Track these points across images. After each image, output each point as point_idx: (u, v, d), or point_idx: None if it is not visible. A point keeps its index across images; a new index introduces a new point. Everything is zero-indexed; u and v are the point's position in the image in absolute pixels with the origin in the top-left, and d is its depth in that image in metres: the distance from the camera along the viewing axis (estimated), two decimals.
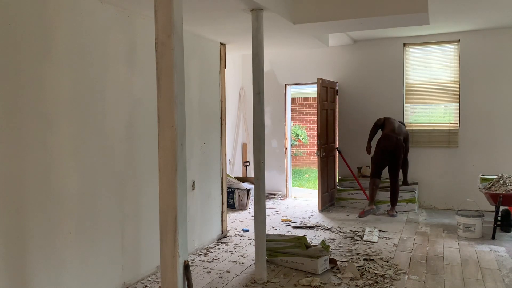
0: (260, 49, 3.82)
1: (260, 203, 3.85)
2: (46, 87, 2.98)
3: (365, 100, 7.11)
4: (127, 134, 3.76)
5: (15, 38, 2.76)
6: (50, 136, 3.01)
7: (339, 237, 5.18)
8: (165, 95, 2.39)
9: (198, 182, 4.85)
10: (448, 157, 6.67)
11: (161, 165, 2.41)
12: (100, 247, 3.45)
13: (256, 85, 3.84)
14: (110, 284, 3.57)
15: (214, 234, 5.16)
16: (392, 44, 6.89)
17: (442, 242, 4.95)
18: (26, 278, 2.85)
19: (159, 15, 2.38)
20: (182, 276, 2.40)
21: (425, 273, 4.00)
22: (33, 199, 2.89)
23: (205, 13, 4.04)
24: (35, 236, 2.90)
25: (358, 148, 7.05)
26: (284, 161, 7.79)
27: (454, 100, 6.67)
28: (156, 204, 3.80)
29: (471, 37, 6.47)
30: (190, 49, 4.62)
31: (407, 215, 6.33)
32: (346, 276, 3.86)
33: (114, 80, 3.60)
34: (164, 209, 2.41)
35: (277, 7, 4.08)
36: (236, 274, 4.04)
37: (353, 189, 6.93)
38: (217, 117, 5.27)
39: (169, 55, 2.37)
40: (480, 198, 5.95)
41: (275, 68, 7.71)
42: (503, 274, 3.93)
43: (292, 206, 7.12)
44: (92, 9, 3.37)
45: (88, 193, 3.34)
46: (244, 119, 7.90)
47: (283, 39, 5.61)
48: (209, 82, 5.09)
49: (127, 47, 3.75)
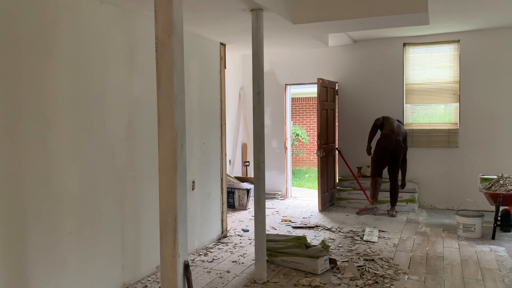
0: (260, 49, 3.82)
1: (260, 203, 3.85)
2: (46, 87, 2.98)
3: (365, 100, 7.11)
4: (127, 134, 3.76)
5: (15, 38, 2.76)
6: (50, 136, 3.01)
7: (339, 237, 5.18)
8: (165, 95, 2.39)
9: (198, 182, 4.85)
10: (448, 157, 6.67)
11: (161, 165, 2.41)
12: (100, 247, 3.45)
13: (256, 85, 3.84)
14: (110, 284, 3.57)
15: (214, 234, 5.16)
16: (392, 44, 6.89)
17: (442, 242, 4.95)
18: (26, 278, 2.85)
19: (159, 15, 2.38)
20: (182, 276, 2.40)
21: (425, 273, 4.00)
22: (33, 199, 2.89)
23: (205, 13, 4.04)
24: (35, 236, 2.90)
25: (358, 148, 7.05)
26: (284, 161, 7.80)
27: (454, 100, 6.67)
28: (156, 204, 3.80)
29: (471, 37, 6.47)
30: (190, 49, 4.62)
31: (407, 215, 6.33)
32: (346, 276, 3.86)
33: (114, 80, 3.60)
34: (164, 209, 2.41)
35: (277, 7, 4.08)
36: (236, 274, 4.04)
37: (353, 189, 6.93)
38: (217, 117, 5.27)
39: (169, 55, 2.37)
40: (480, 198, 5.95)
41: (275, 68, 7.71)
42: (503, 274, 3.93)
43: (292, 206, 7.12)
44: (92, 9, 3.37)
45: (88, 193, 3.34)
46: (244, 119, 7.90)
47: (283, 39, 5.61)
48: (209, 82, 5.09)
49: (127, 47, 3.75)
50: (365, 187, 6.80)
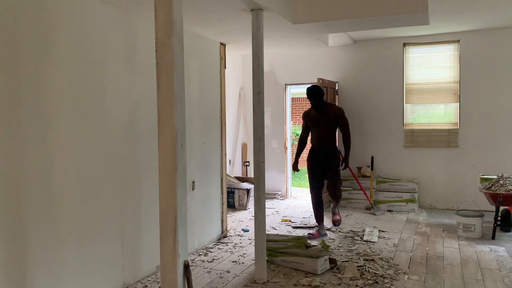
0: (260, 49, 3.82)
1: (260, 203, 3.85)
2: (46, 87, 2.98)
3: (365, 100, 7.11)
4: (127, 134, 3.76)
5: (15, 38, 2.76)
6: (50, 136, 3.01)
7: (339, 237, 5.18)
8: (165, 95, 2.38)
9: (198, 182, 4.84)
10: (448, 157, 6.67)
11: (161, 165, 2.41)
12: (100, 247, 3.45)
13: (256, 85, 3.84)
14: (110, 284, 3.57)
15: (214, 234, 5.16)
16: (392, 44, 6.89)
17: (442, 242, 4.95)
18: (26, 278, 2.85)
19: (159, 15, 2.38)
20: (182, 276, 2.40)
21: (425, 273, 4.00)
22: (33, 199, 2.89)
23: (205, 13, 4.04)
24: (35, 236, 2.90)
25: (358, 148, 7.05)
26: (284, 161, 7.79)
27: (454, 100, 6.66)
28: (156, 204, 3.79)
29: (471, 37, 6.47)
30: (190, 49, 4.62)
31: (407, 215, 6.33)
32: (346, 276, 3.86)
33: (114, 80, 3.60)
34: (164, 209, 2.41)
35: (277, 7, 4.08)
36: (236, 274, 4.04)
37: (353, 189, 6.92)
38: (217, 117, 5.27)
39: (169, 55, 2.37)
40: (480, 198, 5.95)
41: (275, 68, 7.71)
42: (503, 274, 3.92)
43: (292, 206, 7.12)
44: (92, 9, 3.37)
45: (88, 193, 3.34)
46: (244, 119, 7.90)
47: (283, 39, 5.61)
48: (209, 82, 5.09)
49: (127, 47, 3.75)
50: (365, 187, 6.80)
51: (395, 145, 6.94)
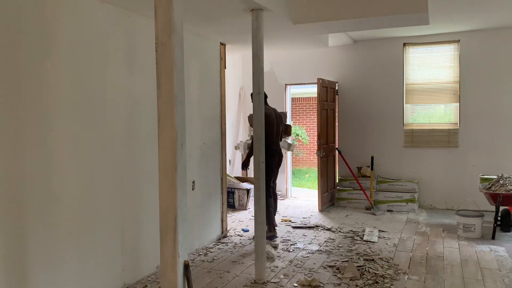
0: (260, 49, 3.82)
1: (260, 203, 3.85)
2: (46, 87, 2.98)
3: (365, 100, 7.11)
4: (127, 134, 3.76)
5: (15, 38, 2.76)
6: (50, 136, 3.01)
7: (339, 237, 5.18)
8: (165, 95, 2.38)
9: (198, 182, 4.84)
10: (448, 157, 6.67)
11: (161, 165, 2.41)
12: (100, 247, 3.45)
13: (256, 85, 3.84)
14: (110, 284, 3.57)
15: (214, 234, 5.16)
16: (392, 44, 6.89)
17: (442, 242, 4.95)
18: (26, 278, 2.85)
19: (159, 15, 2.38)
20: (182, 276, 2.40)
21: (425, 273, 4.00)
22: (33, 199, 2.89)
23: (205, 13, 4.04)
24: (35, 236, 2.90)
25: (358, 148, 7.06)
26: (284, 161, 7.79)
27: (454, 100, 6.66)
28: (156, 204, 3.79)
29: (471, 37, 6.47)
30: (190, 49, 4.62)
31: (407, 215, 6.33)
32: (346, 276, 3.86)
33: (114, 80, 3.60)
34: (164, 209, 2.41)
35: (277, 7, 4.08)
36: (236, 274, 4.04)
37: (353, 189, 6.92)
38: (217, 117, 5.27)
39: (169, 55, 2.37)
40: (480, 198, 5.95)
41: (275, 68, 7.71)
42: (503, 274, 3.92)
43: (292, 206, 7.11)
44: (92, 9, 3.37)
45: (88, 193, 3.34)
46: (244, 119, 7.89)
47: (283, 39, 5.61)
48: (209, 82, 5.09)
49: (127, 47, 3.75)
50: (365, 187, 6.80)
51: (395, 145, 6.94)
